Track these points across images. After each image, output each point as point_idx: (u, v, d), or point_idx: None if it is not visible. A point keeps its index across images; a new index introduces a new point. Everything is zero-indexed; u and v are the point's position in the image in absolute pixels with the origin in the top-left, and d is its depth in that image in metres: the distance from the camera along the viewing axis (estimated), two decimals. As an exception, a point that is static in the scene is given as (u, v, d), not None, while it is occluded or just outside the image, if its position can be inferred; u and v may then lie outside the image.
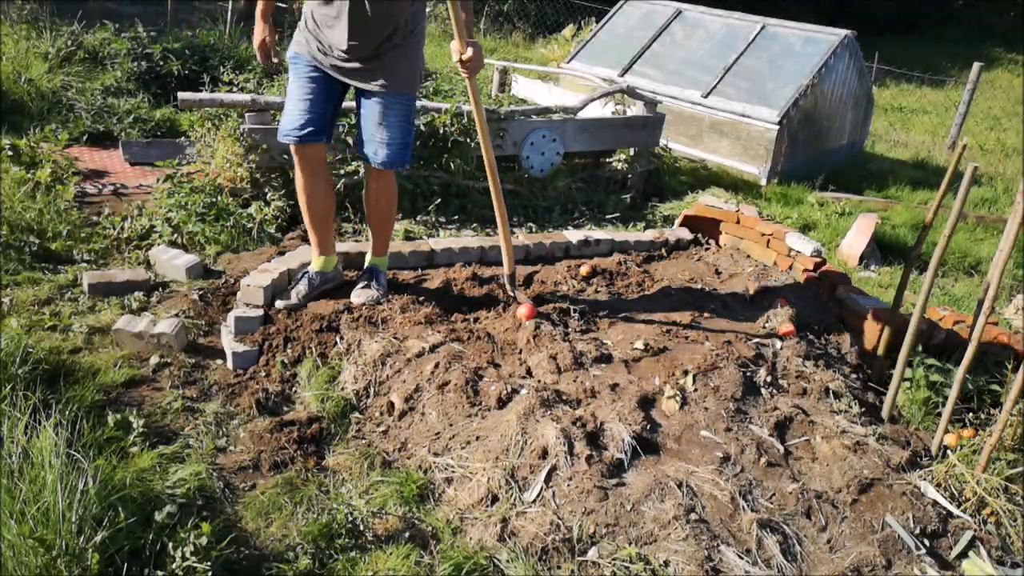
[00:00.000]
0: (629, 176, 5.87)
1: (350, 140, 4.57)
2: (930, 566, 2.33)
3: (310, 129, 3.16)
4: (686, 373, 2.97)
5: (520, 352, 3.11)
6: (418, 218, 4.70)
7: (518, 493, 2.43)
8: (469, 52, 2.99)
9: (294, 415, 2.82)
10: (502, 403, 2.76)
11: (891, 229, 5.72)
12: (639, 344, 3.16)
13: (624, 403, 2.76)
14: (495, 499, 2.43)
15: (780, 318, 3.52)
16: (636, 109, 5.93)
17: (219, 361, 3.13)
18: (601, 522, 2.32)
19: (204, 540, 2.07)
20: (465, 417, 2.74)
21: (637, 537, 2.29)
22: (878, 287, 4.74)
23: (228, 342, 3.13)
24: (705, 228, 4.68)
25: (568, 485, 2.42)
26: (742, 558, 2.25)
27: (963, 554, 2.40)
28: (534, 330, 3.18)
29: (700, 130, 7.11)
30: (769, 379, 3.05)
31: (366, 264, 3.55)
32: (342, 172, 4.58)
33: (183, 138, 5.27)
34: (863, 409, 3.06)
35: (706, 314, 3.56)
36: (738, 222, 4.54)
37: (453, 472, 2.55)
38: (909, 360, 3.13)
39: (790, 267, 4.21)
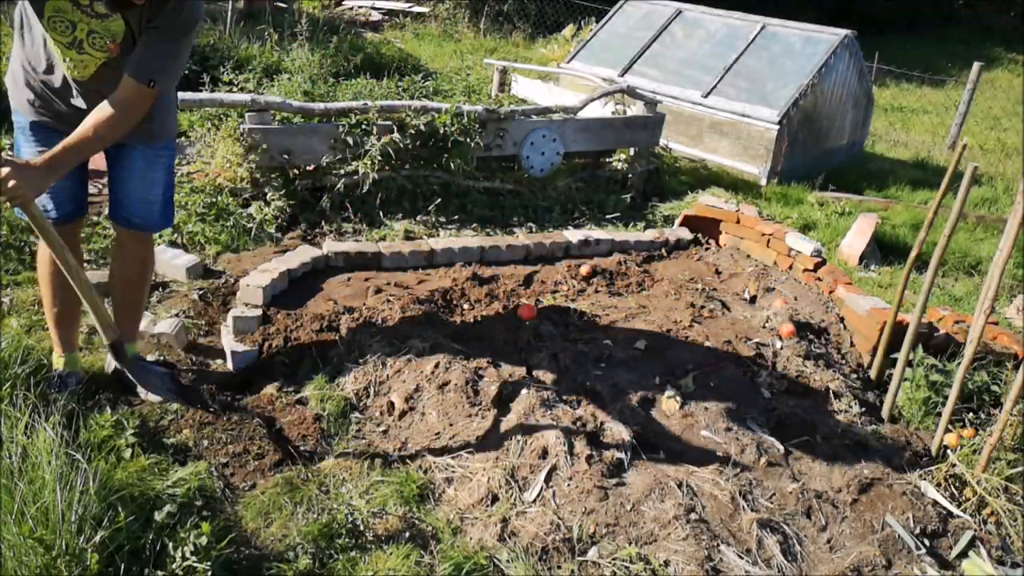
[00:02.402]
0: (629, 176, 5.87)
1: (350, 140, 4.58)
2: (930, 566, 2.33)
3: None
4: (686, 373, 2.97)
5: (520, 352, 3.11)
6: (418, 218, 4.70)
7: (518, 493, 2.43)
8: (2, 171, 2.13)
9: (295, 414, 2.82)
10: (502, 403, 2.76)
11: (891, 229, 5.72)
12: (639, 344, 3.16)
13: (624, 403, 2.76)
14: (495, 499, 2.43)
15: (780, 318, 3.52)
16: (636, 109, 5.93)
17: (219, 361, 3.13)
18: (601, 522, 2.32)
19: (204, 540, 2.06)
20: (465, 417, 2.74)
21: (637, 537, 2.29)
22: (878, 287, 4.74)
23: (228, 342, 3.13)
24: (705, 228, 4.68)
25: (568, 485, 2.42)
26: (742, 558, 2.25)
27: (963, 554, 2.40)
28: (534, 330, 3.18)
29: (700, 130, 7.11)
30: (769, 379, 3.05)
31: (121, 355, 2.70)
32: (342, 172, 4.58)
33: (183, 138, 5.27)
34: (863, 409, 3.06)
35: (706, 314, 3.56)
36: (738, 222, 4.54)
37: (453, 472, 2.55)
38: (909, 360, 3.13)
39: (790, 267, 4.21)
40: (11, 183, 2.12)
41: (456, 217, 4.84)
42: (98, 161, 2.65)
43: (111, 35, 2.32)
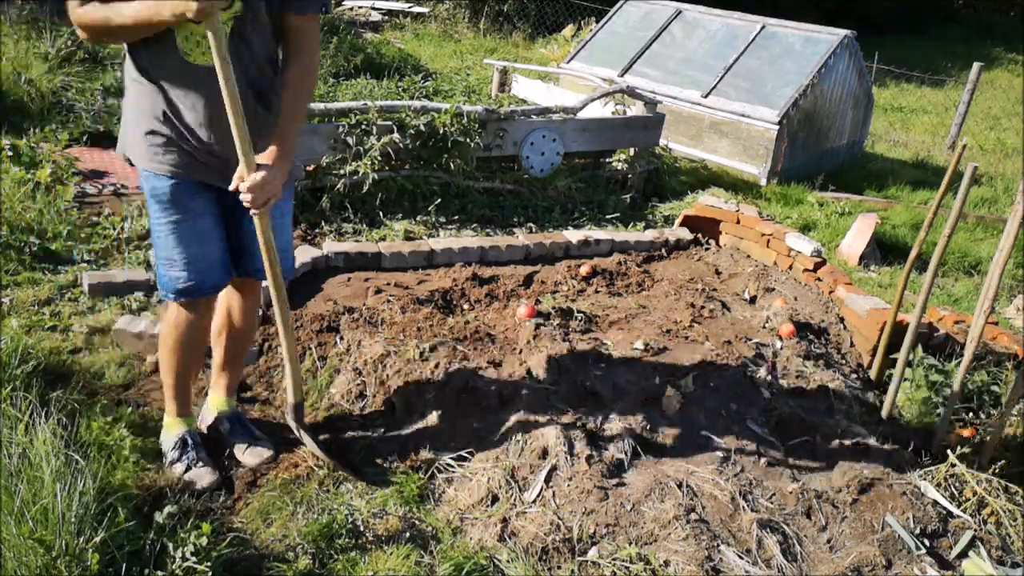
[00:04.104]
0: (629, 176, 5.88)
1: (350, 140, 4.58)
2: (930, 566, 2.33)
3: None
4: (686, 373, 2.97)
5: (520, 352, 3.11)
6: (418, 218, 4.70)
7: (518, 493, 2.43)
8: (258, 176, 2.03)
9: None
10: (502, 403, 2.76)
11: (891, 229, 5.72)
12: (639, 344, 3.16)
13: (624, 403, 2.76)
14: (495, 499, 2.43)
15: (780, 318, 3.52)
16: (636, 109, 5.93)
17: (219, 361, 3.13)
18: (601, 522, 2.32)
19: (204, 540, 2.07)
20: (465, 417, 2.74)
21: (637, 537, 2.29)
22: (878, 287, 4.74)
23: (228, 342, 3.13)
24: (705, 228, 4.68)
25: (568, 485, 2.42)
26: (742, 558, 2.25)
27: (963, 554, 2.40)
28: (534, 330, 3.18)
29: (700, 130, 7.11)
30: (769, 379, 3.05)
31: (222, 411, 2.66)
32: (342, 172, 4.58)
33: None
34: (863, 409, 3.06)
35: (706, 314, 3.56)
36: (738, 222, 4.54)
37: (453, 472, 2.55)
38: (909, 360, 3.13)
39: (790, 267, 4.21)
40: (270, 186, 2.04)
41: (456, 217, 4.84)
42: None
43: None
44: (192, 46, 2.06)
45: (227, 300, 2.53)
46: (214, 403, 2.67)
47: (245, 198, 2.05)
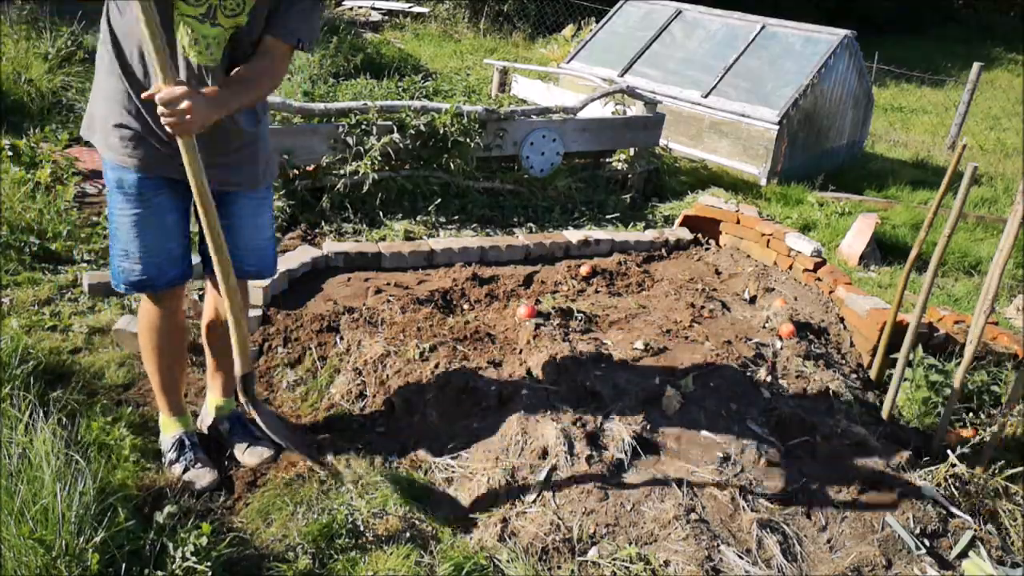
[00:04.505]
0: (629, 176, 5.88)
1: (350, 140, 4.58)
2: (930, 566, 2.33)
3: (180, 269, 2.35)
4: (686, 373, 2.96)
5: (520, 352, 3.11)
6: (418, 218, 4.70)
7: (518, 493, 2.43)
8: (175, 91, 1.90)
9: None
10: (502, 403, 2.76)
11: (891, 229, 5.72)
12: (639, 344, 3.16)
13: (624, 403, 2.76)
14: (495, 499, 2.42)
15: (780, 318, 3.52)
16: (636, 109, 5.93)
17: (219, 361, 3.13)
18: (601, 522, 2.32)
19: (204, 540, 2.07)
20: (465, 417, 2.74)
21: (637, 537, 2.29)
22: (878, 287, 4.74)
23: (228, 342, 3.13)
24: (705, 228, 4.68)
25: (568, 485, 2.42)
26: (742, 558, 2.25)
27: (963, 554, 2.40)
28: (534, 330, 3.18)
29: (700, 130, 7.11)
30: (769, 379, 3.04)
31: (221, 411, 2.65)
32: (342, 172, 4.58)
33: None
34: (863, 409, 3.06)
35: (706, 314, 3.56)
36: (738, 222, 4.54)
37: (453, 472, 2.55)
38: (909, 360, 3.13)
39: (790, 267, 4.21)
40: (185, 103, 1.88)
41: (456, 217, 4.84)
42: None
43: None
44: (195, 46, 2.05)
45: (214, 300, 2.49)
46: (212, 403, 2.67)
47: (160, 111, 1.91)
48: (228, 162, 2.25)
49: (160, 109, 1.91)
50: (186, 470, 2.44)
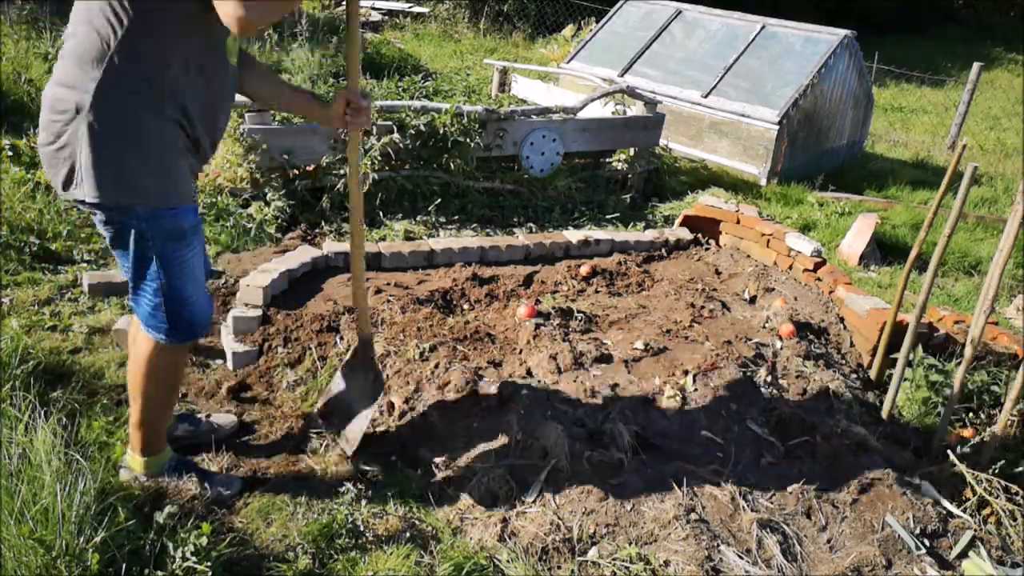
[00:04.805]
0: (629, 176, 5.88)
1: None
2: (930, 566, 2.33)
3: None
4: (686, 373, 2.96)
5: (520, 352, 3.11)
6: (418, 218, 4.70)
7: (518, 493, 2.43)
8: (361, 96, 2.24)
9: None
10: (502, 403, 2.76)
11: (891, 229, 5.72)
12: (639, 344, 3.16)
13: (624, 403, 2.76)
14: (495, 499, 2.42)
15: (780, 318, 3.52)
16: (636, 109, 5.93)
17: (219, 361, 3.13)
18: (601, 522, 2.32)
19: (204, 540, 2.07)
20: (465, 417, 2.74)
21: (637, 537, 2.29)
22: (878, 287, 4.74)
23: (228, 342, 3.13)
24: (705, 228, 4.68)
25: (568, 485, 2.41)
26: (742, 558, 2.25)
27: (963, 554, 2.40)
28: (534, 330, 3.18)
29: (700, 130, 7.11)
30: (769, 379, 3.05)
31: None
32: (342, 172, 4.58)
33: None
34: (863, 409, 3.06)
35: (706, 314, 3.56)
36: (738, 222, 4.54)
37: (453, 472, 2.55)
38: (909, 360, 3.13)
39: (790, 267, 4.21)
40: (367, 103, 2.26)
41: (456, 217, 4.84)
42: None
43: None
44: (233, 46, 2.07)
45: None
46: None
47: (355, 112, 2.24)
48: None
49: (355, 111, 2.23)
50: (204, 476, 2.37)
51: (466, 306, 3.58)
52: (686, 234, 4.61)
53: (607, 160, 5.98)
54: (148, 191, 1.94)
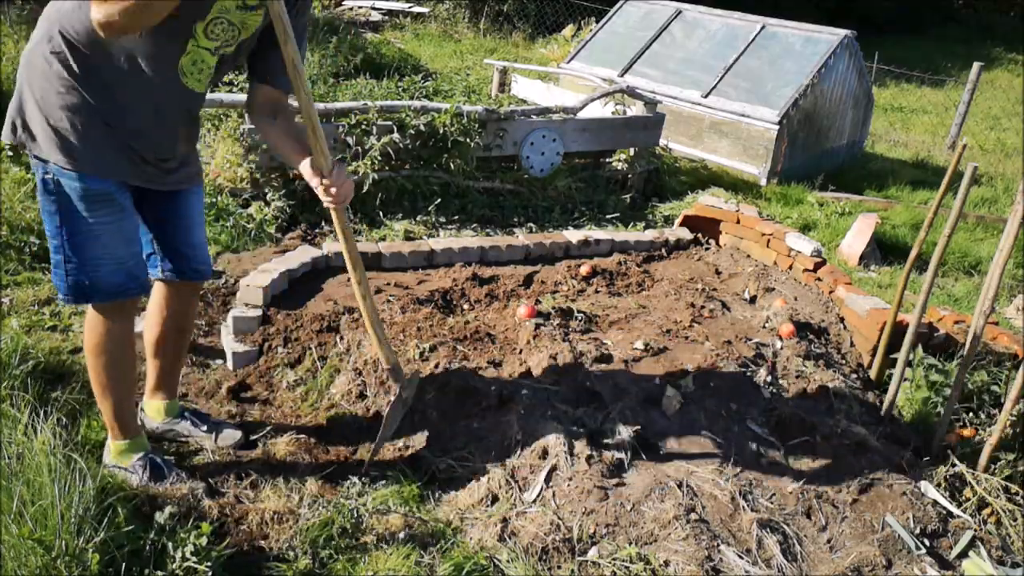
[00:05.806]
0: (629, 176, 5.88)
1: (350, 140, 4.57)
2: (930, 566, 2.33)
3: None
4: (686, 373, 2.96)
5: (520, 352, 3.11)
6: (418, 218, 4.70)
7: (518, 493, 2.43)
8: (341, 174, 2.20)
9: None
10: (502, 403, 2.76)
11: (891, 229, 5.72)
12: (639, 344, 3.16)
13: (624, 403, 2.76)
14: (495, 499, 2.42)
15: (780, 318, 3.52)
16: (636, 109, 5.93)
17: (219, 361, 3.13)
18: (601, 522, 2.32)
19: (204, 540, 2.06)
20: (465, 417, 2.74)
21: (637, 537, 2.29)
22: (878, 287, 4.74)
23: (228, 342, 3.13)
24: (705, 228, 4.68)
25: (568, 485, 2.41)
26: (742, 558, 2.25)
27: (963, 554, 2.40)
28: (534, 330, 3.18)
29: (700, 130, 7.11)
30: (769, 379, 3.04)
31: (172, 412, 2.63)
32: (342, 172, 4.58)
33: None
34: (863, 409, 3.06)
35: (706, 314, 3.56)
36: (738, 222, 4.54)
37: (453, 472, 2.55)
38: (909, 360, 3.13)
39: (790, 267, 4.21)
40: (349, 182, 2.21)
41: (456, 217, 4.84)
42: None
43: (245, 29, 2.11)
44: (194, 71, 2.10)
45: (168, 304, 2.46)
46: (158, 407, 2.60)
47: (330, 191, 2.17)
48: (189, 159, 2.32)
49: (330, 190, 2.16)
50: (184, 481, 2.37)
51: (466, 306, 3.58)
52: (686, 234, 4.61)
53: (607, 160, 5.98)
54: (63, 153, 2.04)
